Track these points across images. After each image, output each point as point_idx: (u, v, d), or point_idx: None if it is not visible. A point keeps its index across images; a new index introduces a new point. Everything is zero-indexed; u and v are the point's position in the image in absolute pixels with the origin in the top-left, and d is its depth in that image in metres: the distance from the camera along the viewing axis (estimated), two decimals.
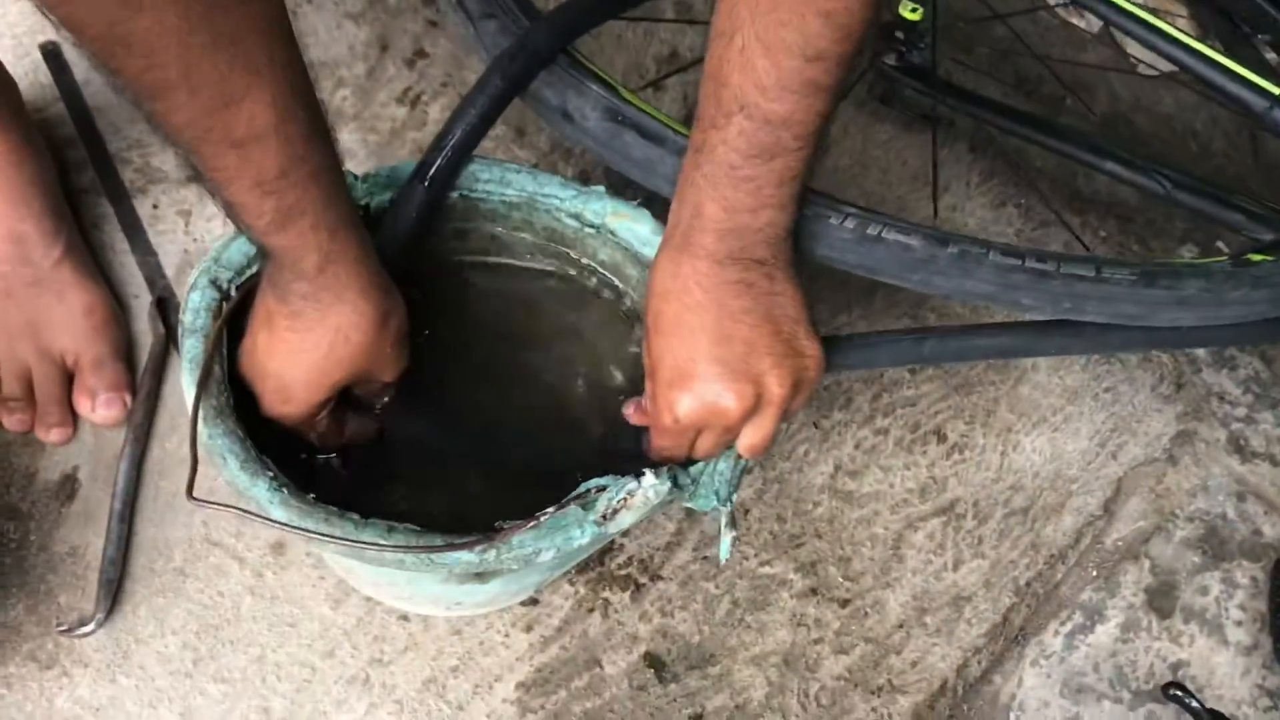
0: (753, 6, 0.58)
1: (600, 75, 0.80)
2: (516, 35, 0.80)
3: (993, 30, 1.22)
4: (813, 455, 0.98)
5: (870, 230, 0.74)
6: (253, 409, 0.71)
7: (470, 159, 0.78)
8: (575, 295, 0.85)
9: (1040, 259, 0.74)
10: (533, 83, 0.79)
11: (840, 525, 0.95)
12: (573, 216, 0.80)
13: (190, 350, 0.68)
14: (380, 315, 0.68)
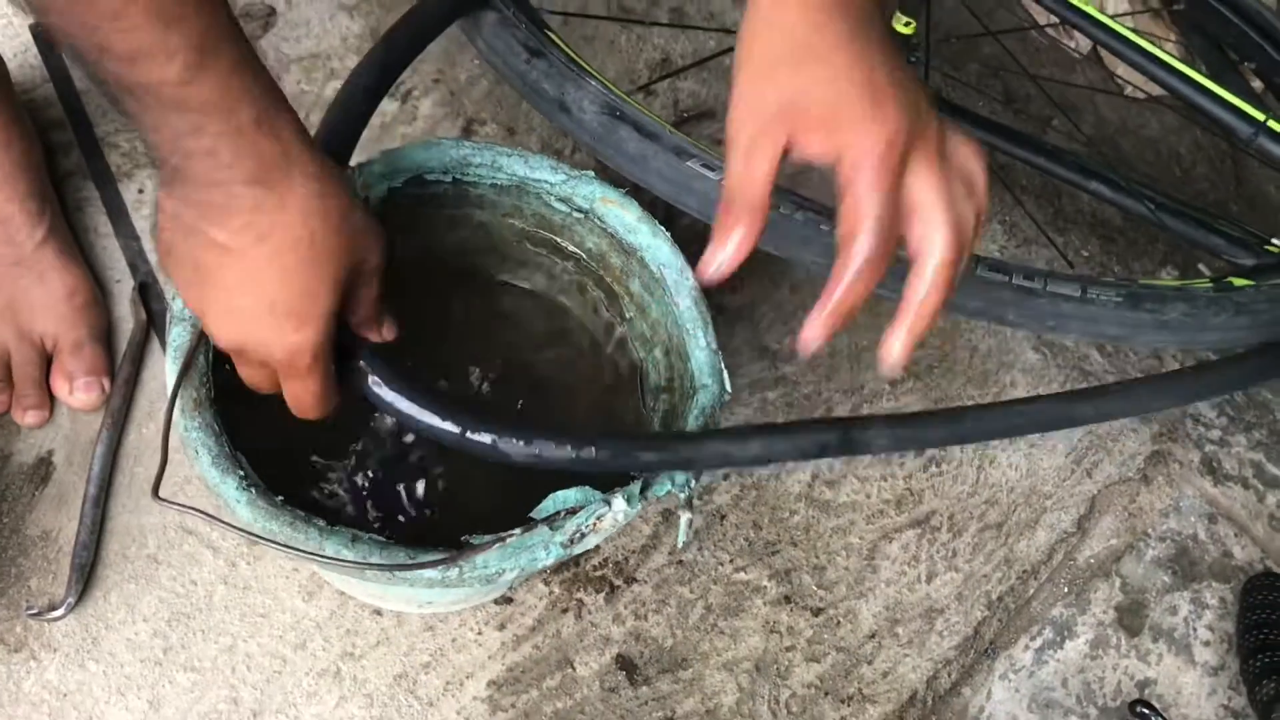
0: None
1: (596, 74, 0.80)
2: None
3: (983, 47, 1.23)
4: (790, 464, 0.98)
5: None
6: (241, 403, 0.71)
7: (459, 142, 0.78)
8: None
9: (1028, 276, 0.75)
10: (531, 74, 0.79)
11: (816, 534, 0.95)
12: (562, 201, 0.81)
13: (176, 338, 0.68)
14: (342, 175, 0.60)
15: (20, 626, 0.80)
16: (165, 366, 0.66)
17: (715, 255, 0.56)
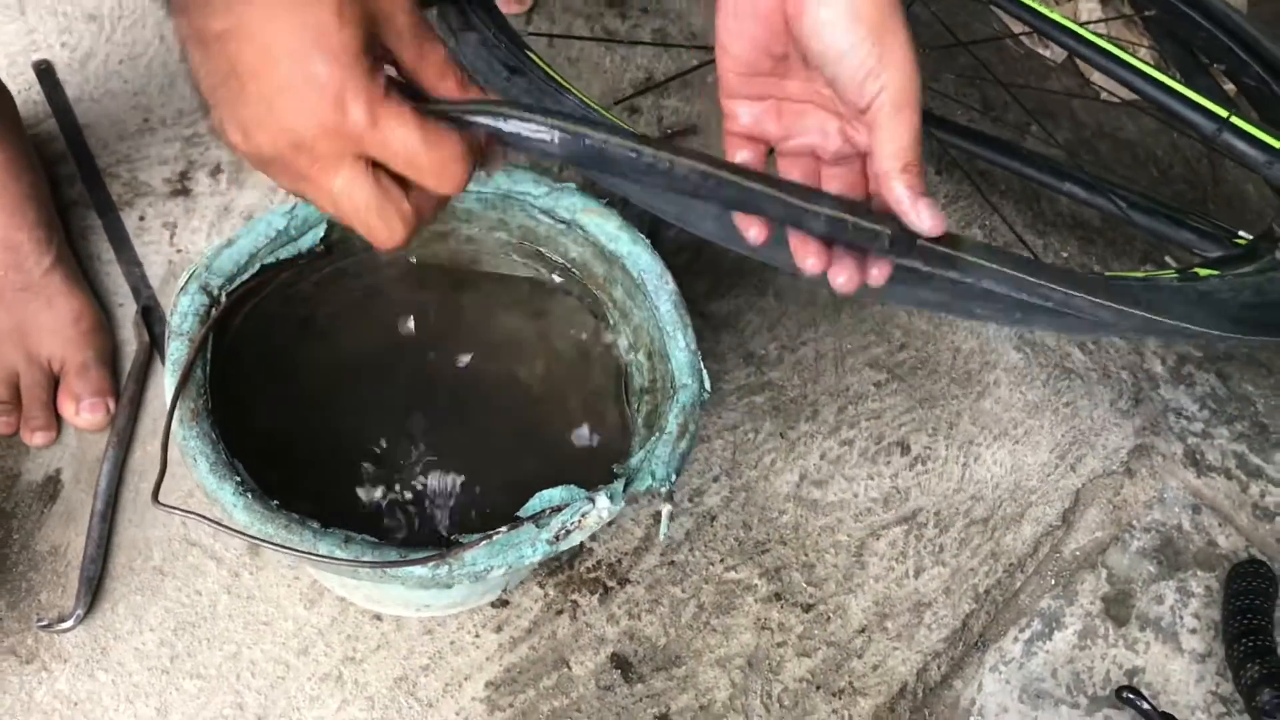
0: None
1: (575, 91, 0.84)
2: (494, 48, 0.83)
3: (960, 57, 1.26)
4: (779, 465, 1.00)
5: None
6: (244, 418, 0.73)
7: None
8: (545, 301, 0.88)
9: None
10: (511, 90, 0.82)
11: (805, 533, 0.97)
12: (545, 213, 0.84)
13: (175, 352, 0.71)
14: None
15: (31, 639, 0.83)
16: (165, 381, 0.69)
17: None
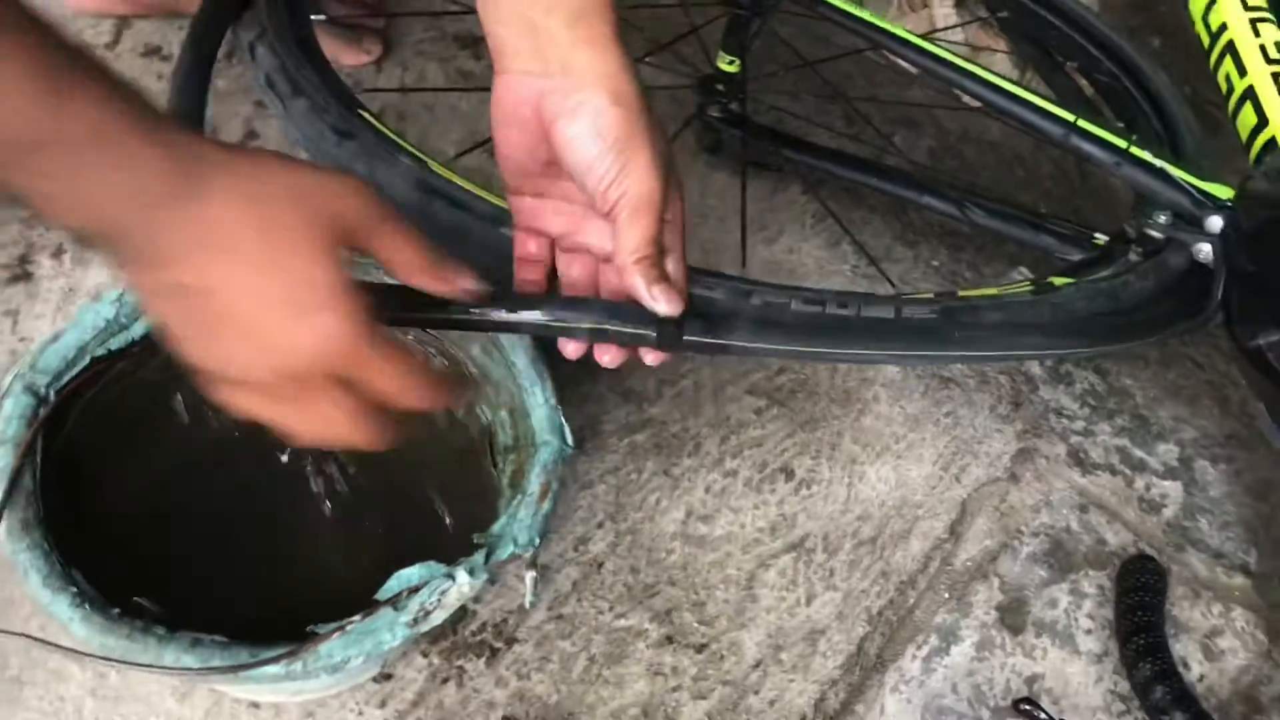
0: None
1: (409, 149, 0.82)
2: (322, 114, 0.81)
3: (819, 76, 1.26)
4: (664, 503, 0.99)
5: None
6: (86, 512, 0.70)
7: None
8: None
9: (841, 304, 0.76)
10: (341, 155, 0.80)
11: (694, 570, 0.96)
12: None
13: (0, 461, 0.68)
14: (251, 150, 0.55)
15: None
16: None
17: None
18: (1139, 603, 0.98)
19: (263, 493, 0.83)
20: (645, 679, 0.91)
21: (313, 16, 0.93)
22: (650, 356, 0.67)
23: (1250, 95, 0.97)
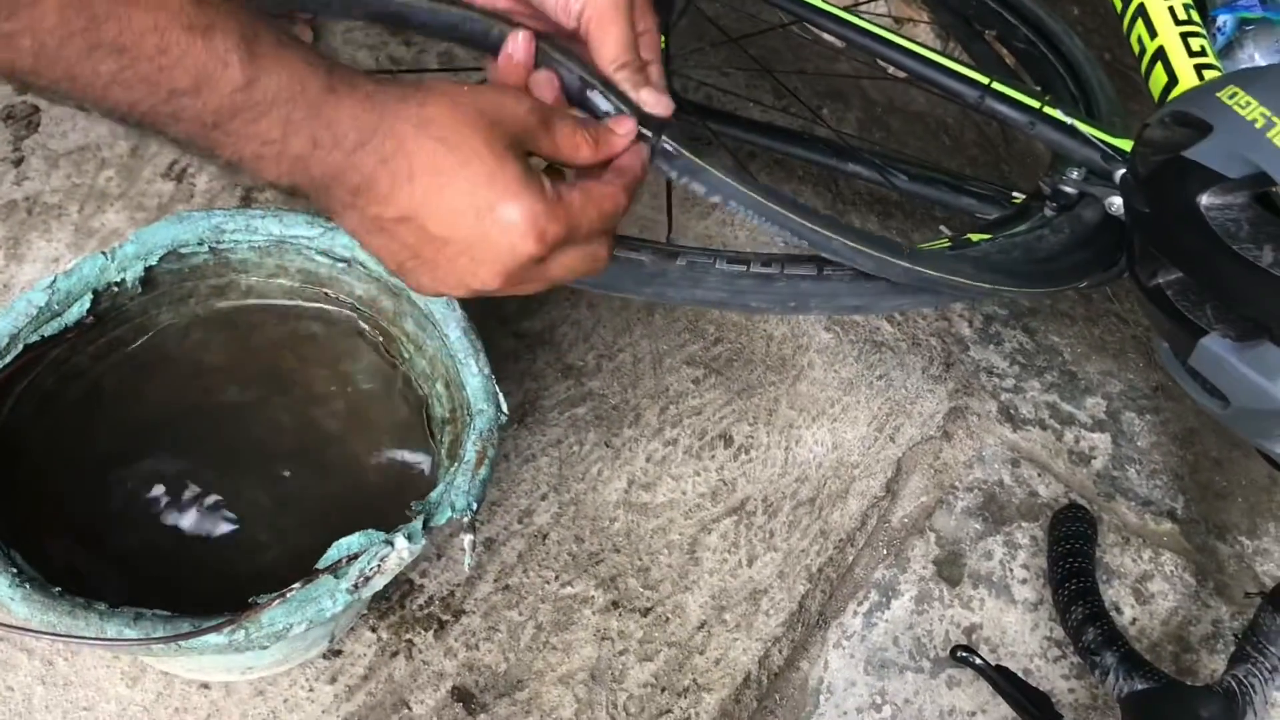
0: None
1: None
2: None
3: (751, 48, 1.28)
4: (606, 474, 1.01)
5: None
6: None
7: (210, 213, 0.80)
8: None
9: (765, 263, 0.79)
10: None
11: (637, 537, 0.98)
12: (323, 253, 0.83)
13: None
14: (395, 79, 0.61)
15: None
16: None
17: None
18: (1070, 550, 1.01)
19: (201, 474, 0.83)
20: (592, 644, 0.93)
21: None
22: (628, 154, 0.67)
23: (1160, 55, 1.00)
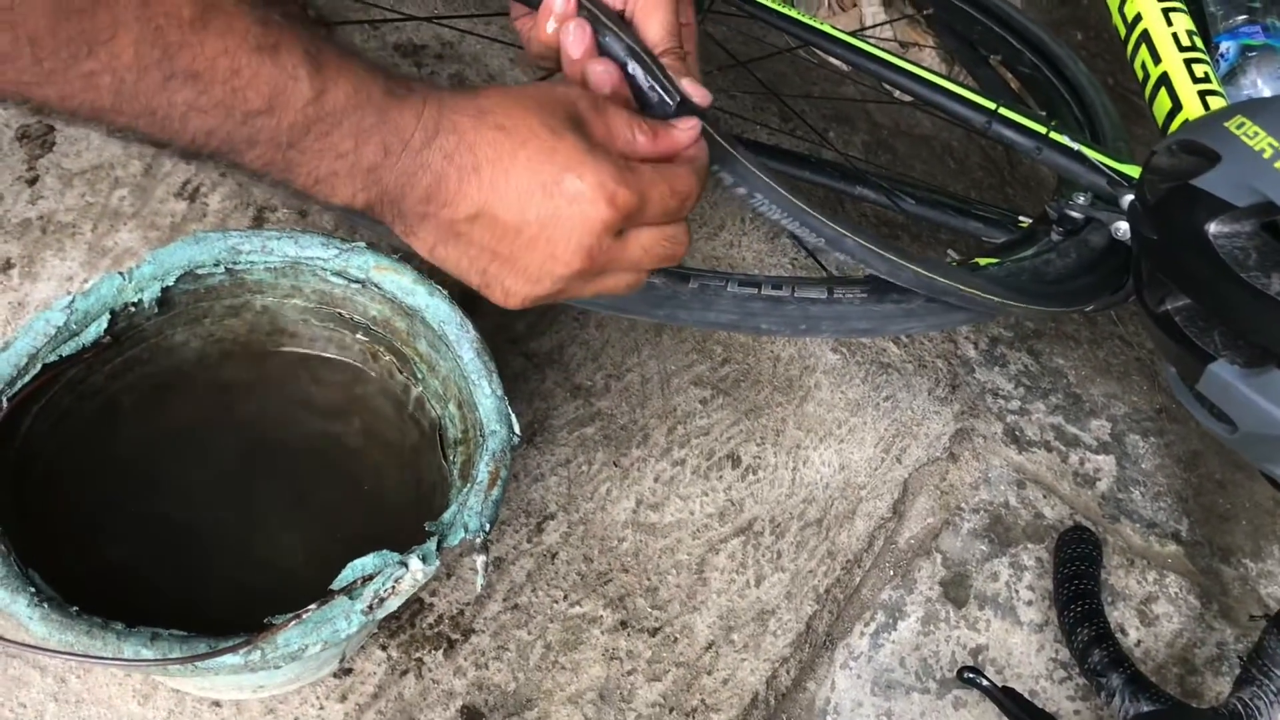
0: None
1: None
2: None
3: (758, 72, 1.29)
4: (614, 493, 1.01)
5: None
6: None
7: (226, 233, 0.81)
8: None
9: (776, 286, 0.79)
10: None
11: (645, 557, 0.99)
12: (338, 274, 0.83)
13: None
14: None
15: None
16: None
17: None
18: (1076, 572, 1.02)
19: (217, 493, 0.84)
20: (601, 664, 0.93)
21: None
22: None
23: (1165, 81, 1.01)
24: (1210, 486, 1.14)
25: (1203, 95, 0.98)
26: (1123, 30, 1.07)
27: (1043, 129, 0.96)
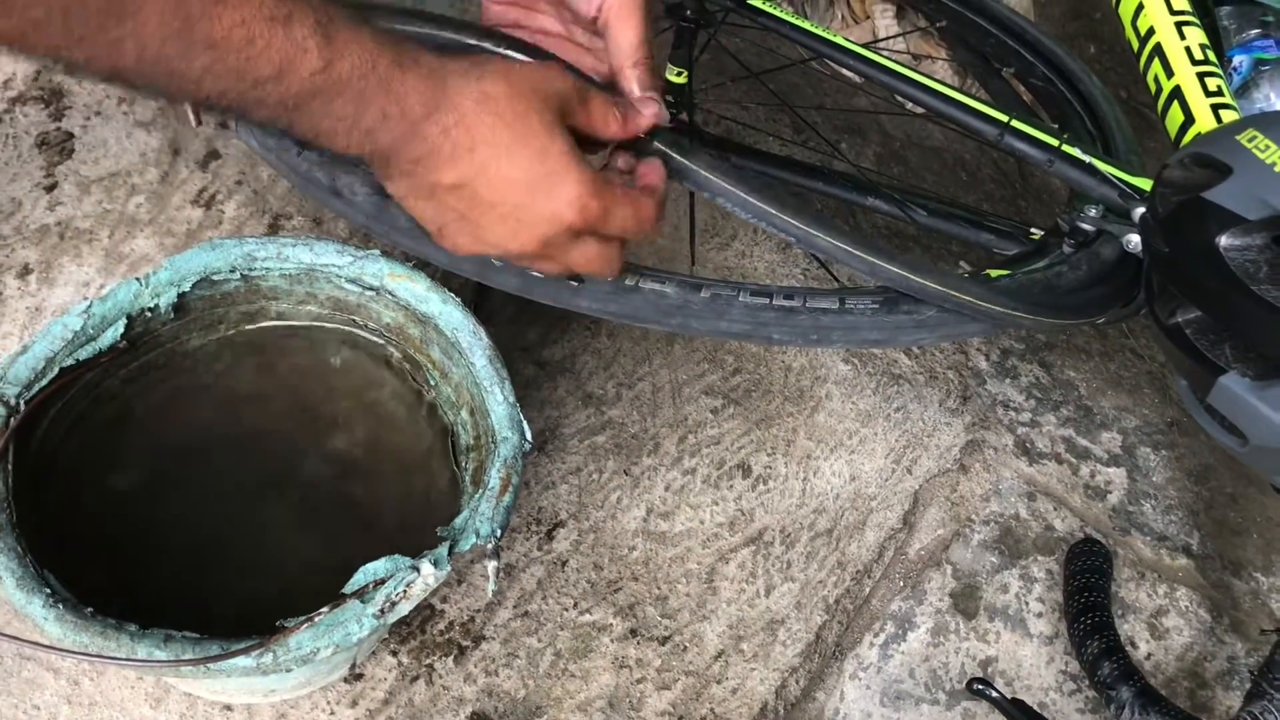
0: None
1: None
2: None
3: (770, 83, 1.30)
4: (625, 502, 1.02)
5: (627, 281, 0.79)
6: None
7: (242, 240, 0.82)
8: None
9: (787, 296, 0.80)
10: (303, 164, 0.83)
11: (655, 566, 0.99)
12: (352, 281, 0.84)
13: None
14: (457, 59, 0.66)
15: None
16: None
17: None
18: (1086, 584, 1.02)
19: (229, 497, 0.84)
20: (610, 672, 0.93)
21: None
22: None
23: (1177, 95, 1.01)
24: (1221, 500, 1.14)
25: (1215, 109, 0.98)
26: (1135, 44, 1.08)
27: (1055, 142, 0.96)
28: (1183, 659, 1.04)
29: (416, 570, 0.69)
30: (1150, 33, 1.06)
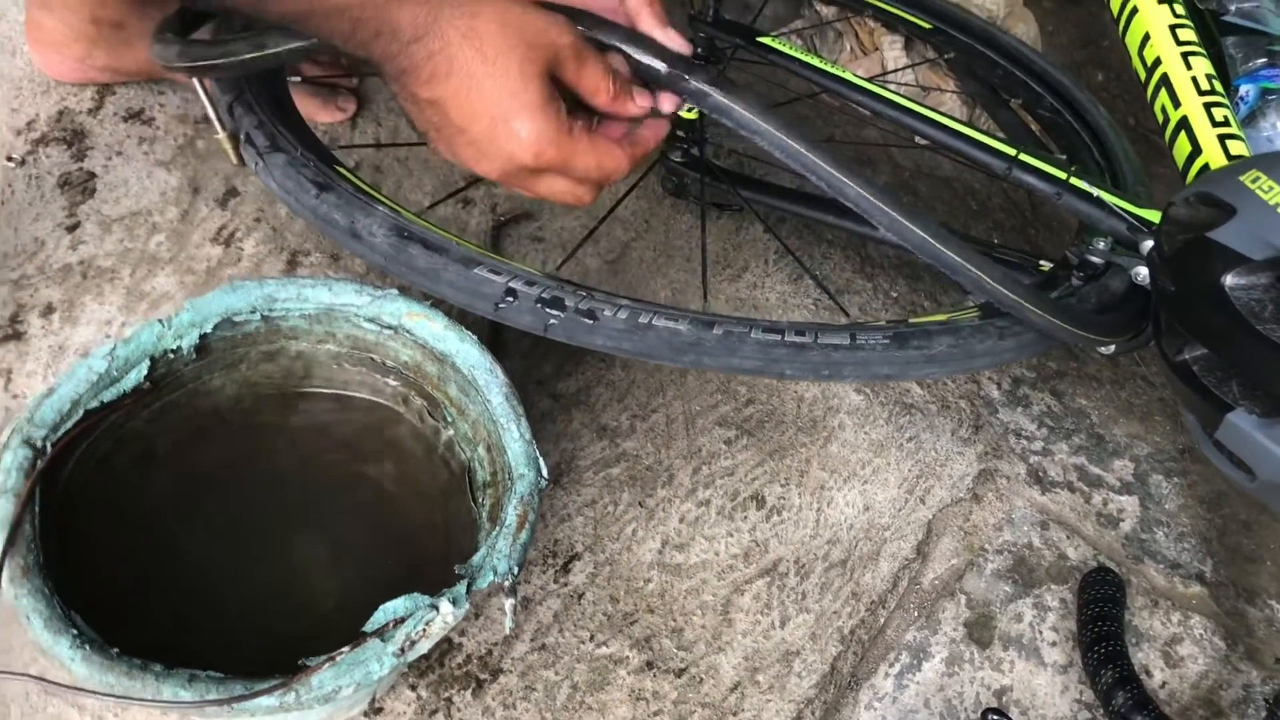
0: None
1: (385, 201, 0.86)
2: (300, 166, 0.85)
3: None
4: (640, 534, 1.02)
5: (641, 319, 0.80)
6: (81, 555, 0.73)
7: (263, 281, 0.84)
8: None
9: (799, 332, 0.81)
10: (321, 206, 0.84)
11: (671, 598, 1.00)
12: (370, 320, 0.86)
13: (0, 510, 0.71)
14: None
15: None
16: None
17: None
18: (1100, 613, 1.02)
19: (251, 536, 0.86)
20: (627, 704, 0.94)
21: (289, 78, 0.97)
22: (666, 103, 0.78)
23: (1184, 125, 1.02)
24: (1235, 527, 1.15)
25: (1222, 139, 0.99)
26: (1143, 74, 1.09)
27: (1063, 175, 0.97)
28: (1197, 687, 1.04)
29: (435, 609, 0.71)
30: (1157, 63, 1.07)
